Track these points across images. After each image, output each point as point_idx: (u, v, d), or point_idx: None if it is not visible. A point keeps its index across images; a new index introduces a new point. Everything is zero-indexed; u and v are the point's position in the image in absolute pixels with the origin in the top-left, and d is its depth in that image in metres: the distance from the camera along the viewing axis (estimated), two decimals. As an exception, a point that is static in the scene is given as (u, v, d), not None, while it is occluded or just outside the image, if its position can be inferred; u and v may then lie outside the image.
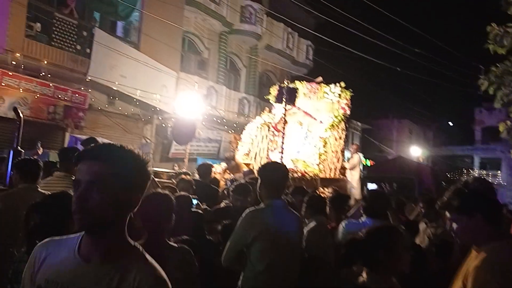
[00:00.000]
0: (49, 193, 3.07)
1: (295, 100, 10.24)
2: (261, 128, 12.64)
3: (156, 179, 6.93)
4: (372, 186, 4.44)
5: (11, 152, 5.50)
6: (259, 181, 3.39)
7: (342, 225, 4.03)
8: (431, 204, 5.44)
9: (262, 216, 3.20)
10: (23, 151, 5.58)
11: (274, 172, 3.38)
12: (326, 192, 9.18)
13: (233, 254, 3.20)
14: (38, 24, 10.86)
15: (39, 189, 4.05)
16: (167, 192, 2.89)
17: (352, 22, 15.73)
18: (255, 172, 10.42)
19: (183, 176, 6.39)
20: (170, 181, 7.25)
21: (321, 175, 10.80)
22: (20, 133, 5.73)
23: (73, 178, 4.01)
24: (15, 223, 2.95)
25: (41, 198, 2.75)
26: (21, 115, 5.86)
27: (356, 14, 15.41)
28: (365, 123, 33.72)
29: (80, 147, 7.98)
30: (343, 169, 11.98)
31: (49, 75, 11.06)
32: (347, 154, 14.08)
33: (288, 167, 10.23)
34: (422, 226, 5.59)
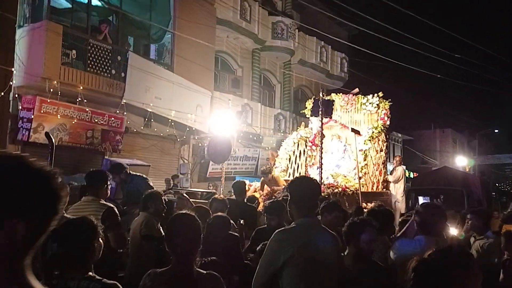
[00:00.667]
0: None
1: (331, 112, 9.96)
2: (298, 143, 12.47)
3: (191, 199, 6.75)
4: (423, 200, 4.10)
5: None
6: (289, 198, 3.11)
7: (395, 245, 3.69)
8: (479, 215, 5.15)
9: (293, 237, 2.90)
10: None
11: (303, 187, 3.08)
12: (369, 207, 8.81)
13: (263, 280, 2.90)
14: (74, 51, 11.04)
15: (65, 215, 3.92)
16: (192, 212, 2.67)
17: (386, 30, 15.30)
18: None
19: (216, 195, 6.16)
20: (205, 201, 7.04)
21: (363, 190, 10.39)
22: (53, 158, 5.68)
23: (102, 202, 3.82)
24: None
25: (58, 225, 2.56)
26: (53, 140, 5.82)
27: (390, 22, 15.03)
28: (406, 134, 32.89)
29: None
30: (386, 182, 11.65)
31: (85, 100, 11.17)
32: (390, 167, 13.60)
33: (328, 182, 9.94)
34: (471, 239, 5.20)
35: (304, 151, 12.49)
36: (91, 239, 2.45)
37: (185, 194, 7.04)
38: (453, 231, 5.69)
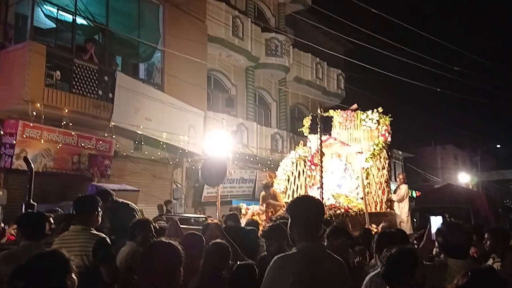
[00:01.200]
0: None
1: (330, 129, 9.85)
2: (297, 163, 12.26)
3: (185, 226, 6.44)
4: (436, 219, 3.85)
5: (23, 206, 5.19)
6: (289, 220, 2.87)
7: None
8: (498, 236, 4.91)
9: (293, 264, 2.66)
10: (35, 204, 5.25)
11: (305, 207, 2.84)
12: (374, 228, 8.53)
13: None
14: (58, 72, 10.79)
15: (52, 247, 3.62)
16: (173, 240, 2.41)
17: (382, 44, 15.23)
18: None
19: (210, 220, 5.86)
20: (197, 227, 6.71)
21: (367, 210, 10.13)
22: (32, 185, 5.38)
23: (92, 231, 3.55)
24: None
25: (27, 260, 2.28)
26: (32, 165, 5.52)
27: (386, 35, 14.95)
28: (407, 151, 32.78)
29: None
30: (389, 202, 11.54)
31: (71, 124, 10.89)
32: (393, 186, 13.38)
33: (329, 203, 9.68)
34: (489, 261, 4.89)
35: (303, 171, 12.32)
36: (63, 275, 2.22)
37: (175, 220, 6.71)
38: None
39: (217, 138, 12.56)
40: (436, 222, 3.90)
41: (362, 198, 10.11)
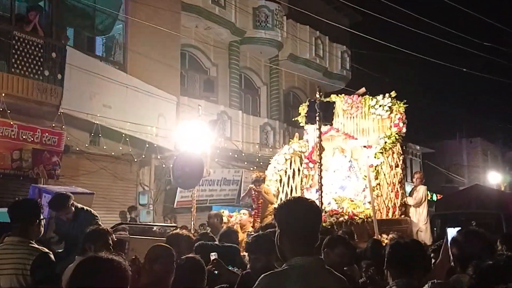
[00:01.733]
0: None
1: (332, 117, 9.80)
2: (291, 160, 12.27)
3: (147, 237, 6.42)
4: (453, 232, 3.83)
5: None
6: (277, 229, 2.82)
7: None
8: None
9: (285, 283, 2.63)
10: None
11: (297, 213, 2.77)
12: (385, 239, 8.57)
13: None
14: (-8, 48, 10.75)
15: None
16: (114, 257, 2.30)
17: (397, 14, 15.22)
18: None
19: (177, 231, 5.89)
20: (162, 238, 6.70)
21: (376, 217, 10.19)
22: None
23: (32, 245, 3.47)
24: None
25: None
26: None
27: (401, 3, 14.95)
28: (426, 146, 32.99)
29: (45, 201, 7.51)
30: (404, 206, 11.61)
31: (9, 111, 10.77)
32: (408, 187, 13.45)
33: (330, 208, 9.73)
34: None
35: (299, 169, 12.31)
36: None
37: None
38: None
39: (193, 130, 12.48)
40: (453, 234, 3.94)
41: (370, 203, 10.10)
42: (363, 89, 12.76)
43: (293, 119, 14.56)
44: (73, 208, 6.75)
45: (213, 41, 18.73)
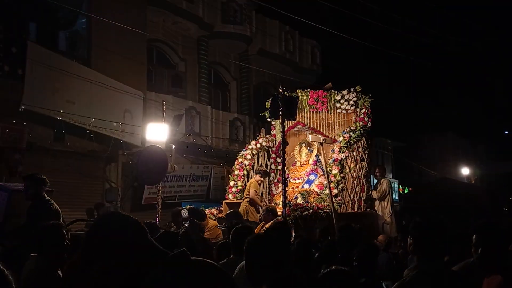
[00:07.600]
0: None
1: (295, 112, 9.81)
2: (258, 154, 12.28)
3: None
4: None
5: None
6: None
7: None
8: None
9: None
10: None
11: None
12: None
13: None
14: None
15: None
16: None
17: (369, 9, 15.36)
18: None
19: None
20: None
21: (342, 211, 10.31)
22: None
23: None
24: None
25: None
26: None
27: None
28: (397, 140, 33.20)
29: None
30: (370, 200, 11.71)
31: (-33, 108, 10.66)
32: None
33: (297, 202, 9.73)
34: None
35: (266, 165, 12.31)
36: None
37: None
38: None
39: (159, 126, 12.42)
40: None
41: (335, 196, 10.19)
42: (329, 84, 12.78)
43: (260, 114, 14.59)
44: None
45: (181, 36, 18.70)
